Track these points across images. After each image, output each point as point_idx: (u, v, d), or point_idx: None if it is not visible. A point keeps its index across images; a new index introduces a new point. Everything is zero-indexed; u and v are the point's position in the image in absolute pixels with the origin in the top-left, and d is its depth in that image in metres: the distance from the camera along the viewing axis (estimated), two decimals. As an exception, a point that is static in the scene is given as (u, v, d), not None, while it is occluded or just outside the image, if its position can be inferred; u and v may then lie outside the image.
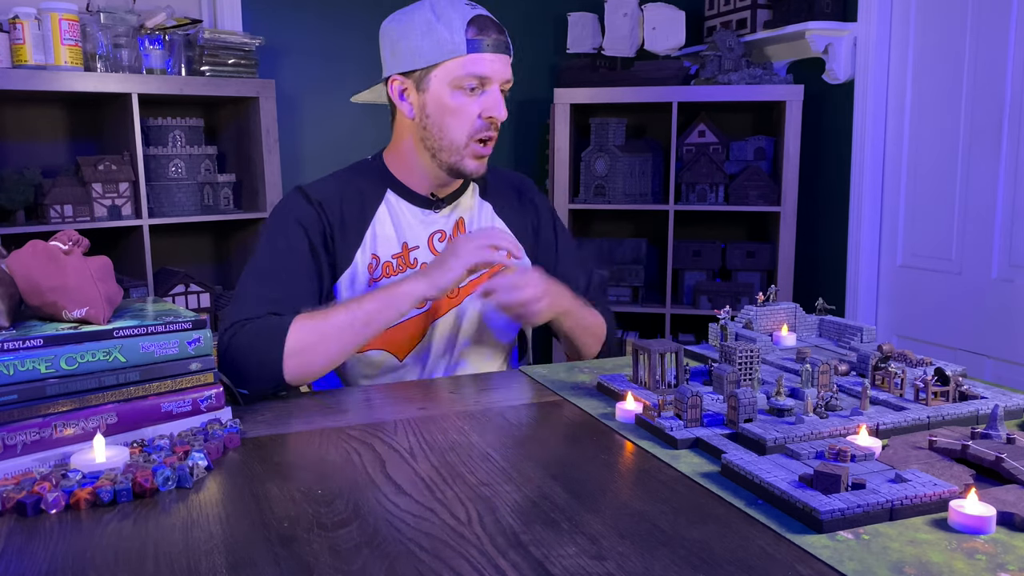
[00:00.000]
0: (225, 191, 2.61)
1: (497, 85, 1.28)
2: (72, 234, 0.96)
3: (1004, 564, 0.66)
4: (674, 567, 0.67)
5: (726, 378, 1.03)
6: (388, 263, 1.33)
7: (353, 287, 1.32)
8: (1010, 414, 1.00)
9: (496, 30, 1.27)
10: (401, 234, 1.35)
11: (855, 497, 0.73)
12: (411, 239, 1.35)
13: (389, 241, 1.34)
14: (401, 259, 1.34)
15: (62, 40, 2.20)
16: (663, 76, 2.87)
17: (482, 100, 1.27)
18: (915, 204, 2.46)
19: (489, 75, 1.26)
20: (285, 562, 0.69)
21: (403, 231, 1.35)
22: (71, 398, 0.88)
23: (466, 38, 1.25)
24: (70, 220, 2.28)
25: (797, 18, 2.64)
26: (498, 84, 1.28)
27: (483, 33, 1.26)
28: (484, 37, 1.25)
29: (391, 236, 1.34)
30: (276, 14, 2.81)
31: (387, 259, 1.33)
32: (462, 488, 0.83)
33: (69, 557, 0.70)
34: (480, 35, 1.25)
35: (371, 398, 1.19)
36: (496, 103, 1.27)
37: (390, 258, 1.34)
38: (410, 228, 1.35)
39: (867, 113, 2.54)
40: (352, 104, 1.49)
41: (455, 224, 1.39)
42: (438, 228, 1.37)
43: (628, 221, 3.25)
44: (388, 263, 1.33)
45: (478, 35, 1.25)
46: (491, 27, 1.27)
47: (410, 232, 1.35)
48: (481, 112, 1.27)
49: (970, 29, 2.23)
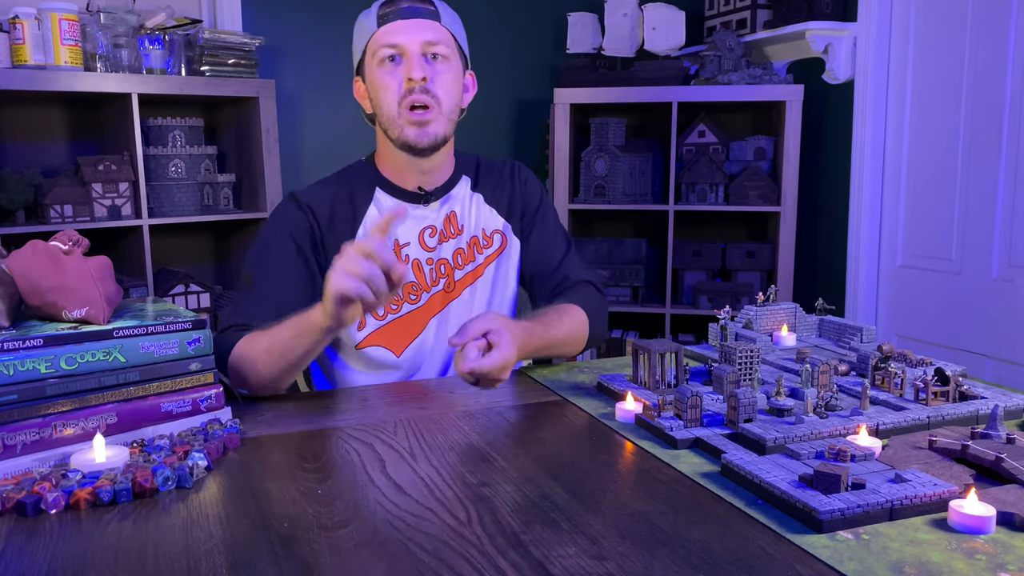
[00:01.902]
0: (225, 191, 2.61)
1: (415, 48, 1.27)
2: (72, 234, 0.96)
3: (1004, 564, 0.66)
4: (674, 567, 0.67)
5: (726, 378, 1.03)
6: None
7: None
8: (1010, 414, 1.00)
9: (410, 0, 1.29)
10: (392, 231, 1.35)
11: (855, 497, 0.73)
12: (402, 236, 1.35)
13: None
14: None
15: (62, 40, 2.20)
16: (663, 76, 2.87)
17: (402, 67, 1.28)
18: (915, 204, 2.46)
19: (400, 42, 1.27)
20: (285, 562, 0.69)
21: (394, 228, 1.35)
22: (71, 398, 0.88)
23: (376, 15, 1.30)
24: (70, 220, 2.28)
25: (797, 18, 2.64)
26: (416, 48, 1.27)
27: (392, 5, 1.28)
28: (392, 8, 1.28)
29: None
30: (276, 14, 2.81)
31: None
32: (462, 488, 0.83)
33: (69, 557, 0.70)
34: (389, 8, 1.29)
35: (371, 398, 1.19)
36: (410, 66, 1.27)
37: None
38: (400, 225, 1.36)
39: (867, 113, 2.54)
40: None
41: (446, 218, 1.39)
42: (428, 224, 1.37)
43: (628, 221, 3.25)
44: None
45: (388, 8, 1.29)
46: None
47: (401, 229, 1.36)
48: (401, 79, 1.28)
49: (970, 29, 2.23)
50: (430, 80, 1.27)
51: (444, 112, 1.30)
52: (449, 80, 1.31)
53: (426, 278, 1.35)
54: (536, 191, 1.49)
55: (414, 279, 1.35)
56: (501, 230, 1.43)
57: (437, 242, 1.37)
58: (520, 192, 1.47)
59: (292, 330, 1.13)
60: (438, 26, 1.30)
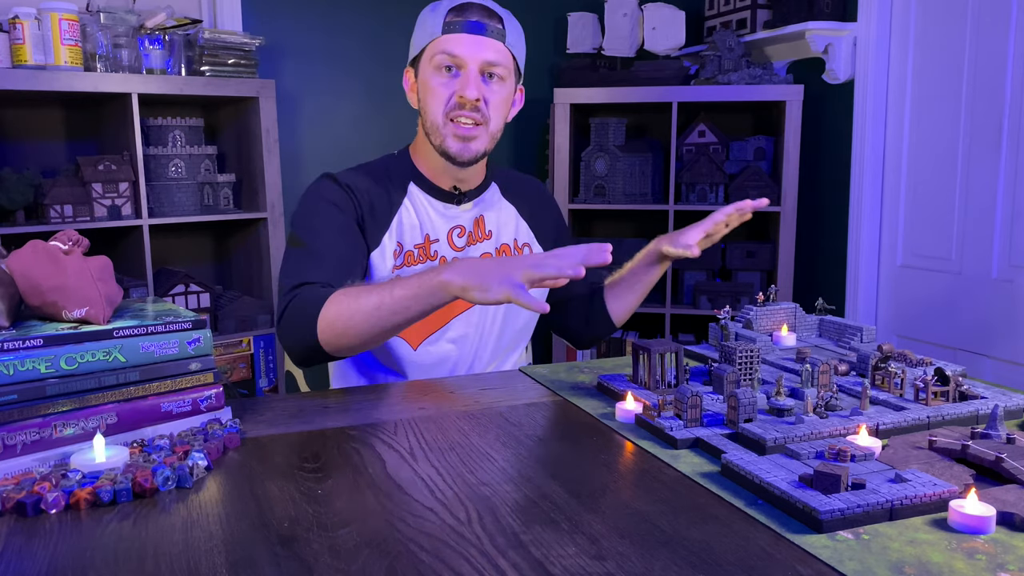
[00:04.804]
0: (225, 191, 2.61)
1: (474, 66, 1.26)
2: (72, 234, 0.96)
3: (1004, 564, 0.66)
4: (674, 567, 0.67)
5: (726, 378, 1.03)
6: (410, 252, 1.35)
7: (381, 267, 1.32)
8: (1010, 414, 1.00)
9: (480, 13, 1.27)
10: (424, 226, 1.36)
11: (855, 497, 0.73)
12: (432, 232, 1.36)
13: (413, 230, 1.35)
14: (422, 250, 1.36)
15: (62, 40, 2.20)
16: (663, 76, 2.87)
17: (458, 80, 1.27)
18: (915, 204, 2.46)
19: (460, 55, 1.26)
20: (285, 562, 0.69)
21: (425, 223, 1.36)
22: (71, 398, 0.88)
23: (443, 20, 1.27)
24: (70, 220, 2.28)
25: (797, 18, 2.63)
26: (475, 65, 1.26)
27: (461, 15, 1.26)
28: (461, 19, 1.26)
29: (415, 225, 1.36)
30: (276, 14, 2.81)
31: (409, 248, 1.35)
32: (462, 488, 0.83)
33: (69, 557, 0.70)
34: (458, 17, 1.26)
35: (371, 398, 1.19)
36: (465, 83, 1.26)
37: (412, 247, 1.35)
38: (431, 221, 1.37)
39: (867, 113, 2.54)
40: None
41: (475, 220, 1.40)
42: (458, 223, 1.38)
43: (628, 221, 3.25)
44: (410, 252, 1.35)
45: (456, 16, 1.27)
46: (474, 10, 1.27)
47: (432, 225, 1.37)
48: (454, 92, 1.27)
49: (970, 29, 2.23)
50: (483, 100, 1.27)
51: (490, 131, 1.31)
52: (500, 100, 1.31)
53: None
54: (559, 212, 1.55)
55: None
56: (530, 244, 1.46)
57: (466, 243, 1.38)
58: (550, 215, 1.52)
59: (410, 289, 1.11)
60: (502, 47, 1.29)
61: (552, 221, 1.52)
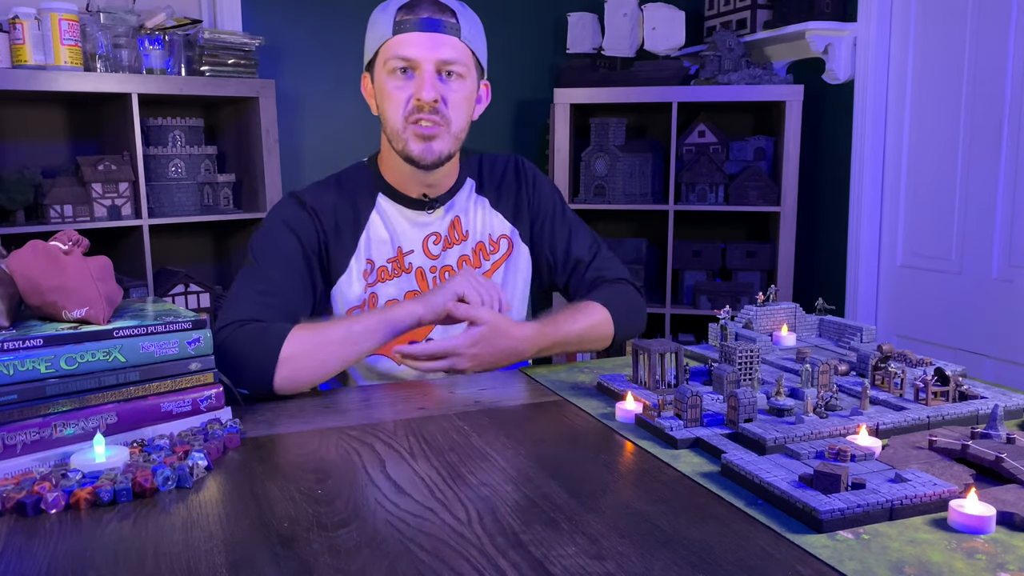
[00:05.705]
0: (225, 191, 2.61)
1: (429, 66, 1.21)
2: (72, 234, 0.96)
3: (1004, 564, 0.66)
4: (674, 567, 0.67)
5: (726, 378, 1.03)
6: (383, 267, 1.32)
7: (349, 293, 1.31)
8: (1010, 414, 1.00)
9: (431, 8, 1.21)
10: (396, 238, 1.33)
11: (855, 497, 0.73)
12: (405, 243, 1.33)
13: (383, 245, 1.32)
14: (396, 263, 1.33)
15: (62, 40, 2.20)
16: (663, 76, 2.87)
17: (413, 82, 1.22)
18: (915, 204, 2.46)
19: (414, 56, 1.20)
20: (285, 562, 0.69)
21: (397, 235, 1.33)
22: (71, 398, 0.88)
23: (393, 20, 1.22)
24: (70, 220, 2.28)
25: (797, 18, 2.64)
26: (430, 65, 1.21)
27: (412, 12, 1.20)
28: (412, 17, 1.20)
29: (385, 240, 1.32)
30: (276, 14, 2.81)
31: (382, 263, 1.32)
32: (462, 488, 0.83)
33: (69, 557, 0.70)
34: (409, 15, 1.20)
35: (371, 398, 1.19)
36: (421, 85, 1.20)
37: (385, 263, 1.32)
38: (403, 232, 1.33)
39: (867, 113, 2.54)
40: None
41: (450, 224, 1.36)
42: (432, 231, 1.35)
43: (628, 221, 3.25)
44: (383, 267, 1.32)
45: (407, 15, 1.21)
46: (424, 6, 1.21)
47: (404, 236, 1.33)
48: (411, 95, 1.22)
49: (970, 29, 2.23)
50: (441, 101, 1.22)
51: (452, 132, 1.25)
52: (461, 98, 1.25)
53: (429, 286, 1.34)
54: (547, 191, 1.45)
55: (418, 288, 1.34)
56: (508, 235, 1.41)
57: (441, 249, 1.35)
58: (528, 194, 1.42)
59: (375, 320, 1.17)
60: (457, 42, 1.23)
61: (528, 199, 1.42)
